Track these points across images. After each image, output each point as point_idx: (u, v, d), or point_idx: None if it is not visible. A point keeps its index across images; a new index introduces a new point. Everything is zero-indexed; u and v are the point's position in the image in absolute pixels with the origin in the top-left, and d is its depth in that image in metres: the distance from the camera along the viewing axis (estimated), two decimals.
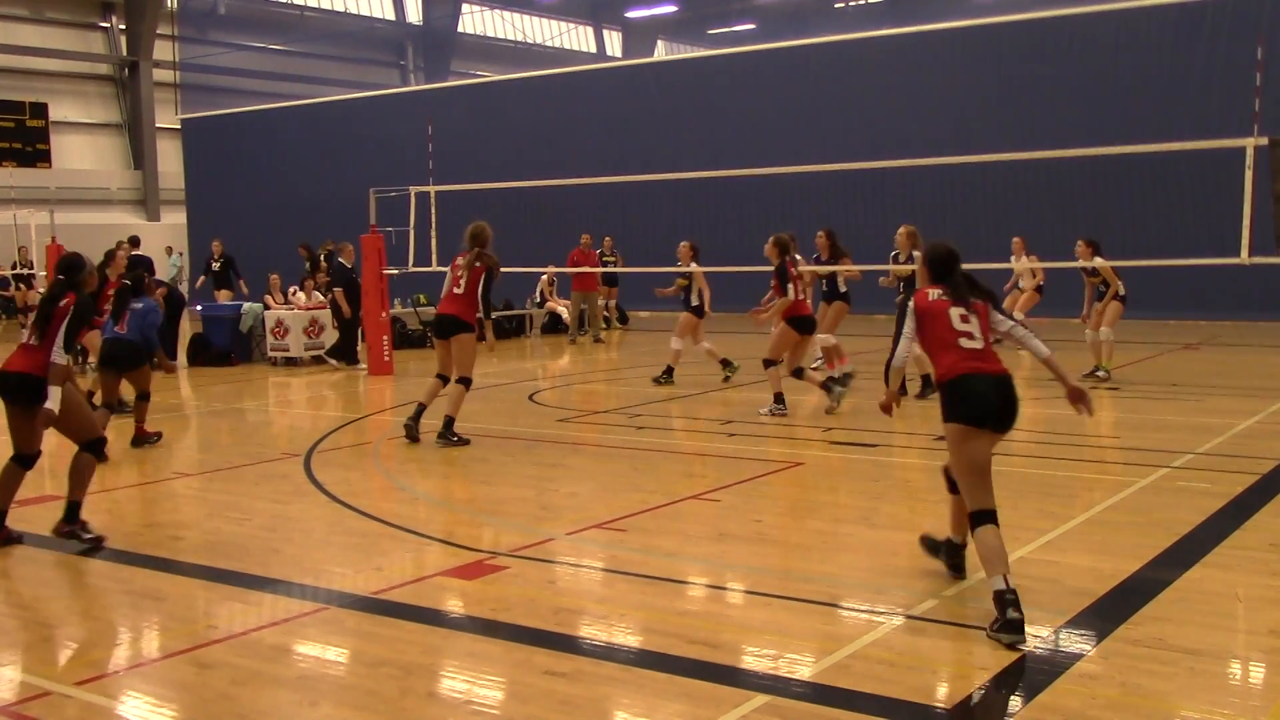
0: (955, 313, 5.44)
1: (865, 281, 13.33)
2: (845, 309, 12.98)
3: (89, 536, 6.93)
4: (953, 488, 5.63)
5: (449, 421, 10.09)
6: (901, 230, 12.31)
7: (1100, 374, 13.02)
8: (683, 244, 14.28)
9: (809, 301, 11.91)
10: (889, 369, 5.83)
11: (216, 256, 21.11)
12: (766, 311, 11.98)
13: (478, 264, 10.18)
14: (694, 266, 14.01)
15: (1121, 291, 13.14)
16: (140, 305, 10.32)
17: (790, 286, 11.41)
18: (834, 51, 24.54)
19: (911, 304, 5.57)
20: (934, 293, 5.52)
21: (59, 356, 6.75)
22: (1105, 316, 13.08)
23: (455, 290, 10.19)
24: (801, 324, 11.43)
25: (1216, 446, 9.19)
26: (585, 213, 23.50)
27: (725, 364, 13.94)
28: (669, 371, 13.77)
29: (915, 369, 12.11)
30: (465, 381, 10.17)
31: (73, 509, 6.98)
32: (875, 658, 4.81)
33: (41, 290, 13.58)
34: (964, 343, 5.37)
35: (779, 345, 11.46)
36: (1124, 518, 7.03)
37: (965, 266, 5.62)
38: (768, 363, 11.42)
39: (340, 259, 16.66)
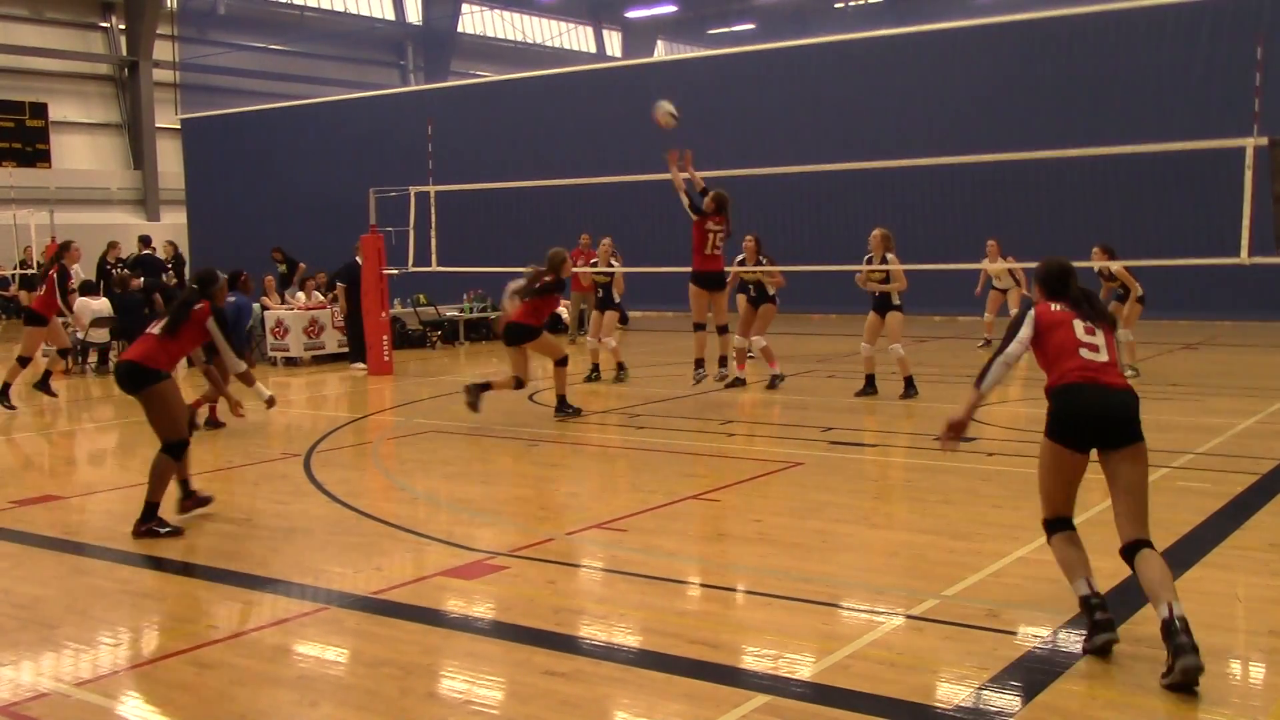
0: (1080, 324, 5.07)
1: (843, 282, 13.55)
2: (773, 310, 13.51)
3: (166, 531, 7.10)
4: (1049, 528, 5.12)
5: (562, 399, 11.41)
6: (875, 233, 12.37)
7: (1129, 372, 13.14)
8: (606, 240, 15.12)
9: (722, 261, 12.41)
10: (987, 371, 5.22)
11: (167, 258, 20.75)
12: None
13: (546, 278, 11.31)
14: (614, 264, 14.97)
15: (1140, 293, 13.38)
16: (233, 299, 10.43)
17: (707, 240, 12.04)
18: (834, 51, 24.51)
19: (1032, 311, 5.20)
20: (1056, 305, 5.18)
21: (238, 365, 7.80)
22: (1125, 318, 13.29)
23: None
24: (703, 279, 12.04)
25: (1216, 446, 9.19)
26: (584, 213, 23.48)
27: (594, 370, 14.54)
28: (621, 367, 14.37)
29: (900, 368, 12.13)
30: (564, 361, 11.51)
31: (149, 509, 7.12)
32: (875, 658, 4.81)
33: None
34: (1085, 353, 4.97)
35: (694, 307, 12.17)
36: None
37: (965, 266, 5.63)
38: (697, 326, 12.15)
39: (357, 257, 16.63)
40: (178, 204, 35.28)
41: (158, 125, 36.22)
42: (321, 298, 18.17)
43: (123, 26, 35.98)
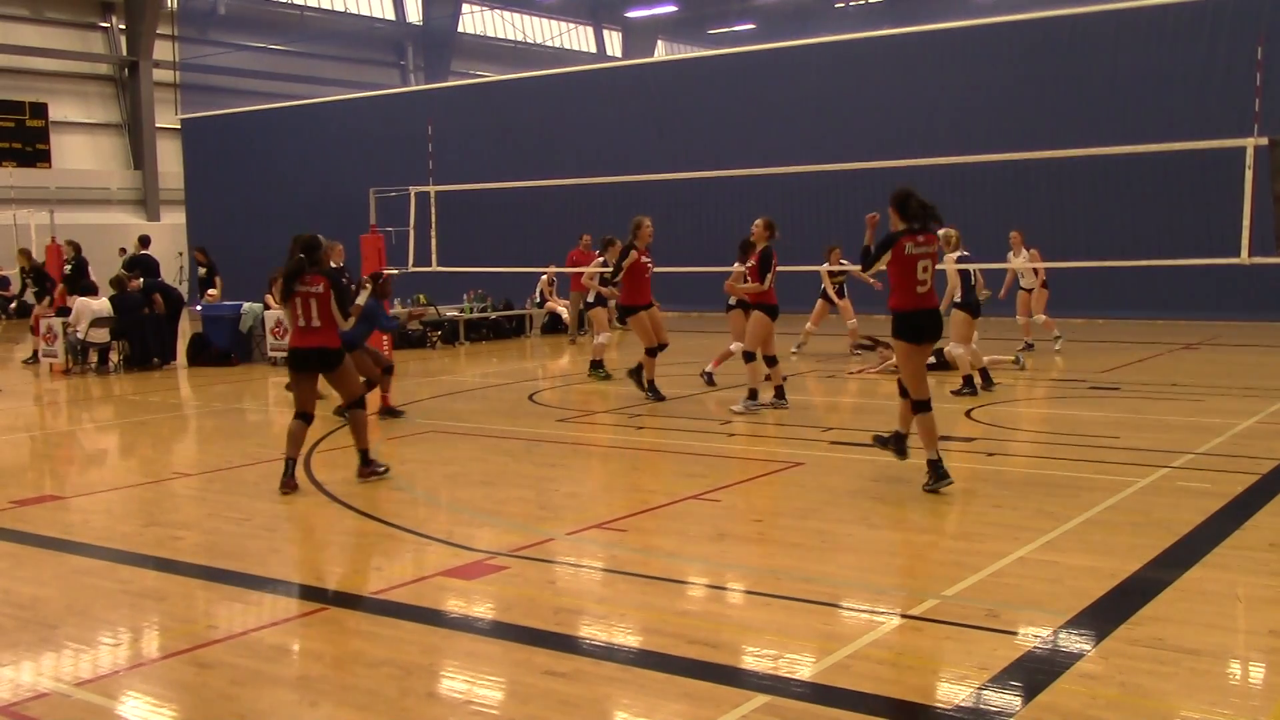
0: (921, 265, 7.68)
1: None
2: (742, 321, 13.44)
3: (383, 470, 8.50)
4: (902, 392, 7.83)
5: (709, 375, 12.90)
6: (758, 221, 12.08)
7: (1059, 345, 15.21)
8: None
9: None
10: (865, 258, 7.98)
11: (68, 258, 19.77)
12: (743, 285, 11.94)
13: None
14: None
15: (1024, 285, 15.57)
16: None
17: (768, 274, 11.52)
18: (834, 51, 24.52)
19: (896, 242, 7.67)
20: (909, 245, 7.65)
21: (342, 322, 8.35)
22: (1036, 303, 15.43)
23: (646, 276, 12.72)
24: (774, 311, 11.59)
25: (1216, 446, 9.19)
26: (585, 213, 23.49)
27: (598, 365, 14.67)
28: (599, 365, 14.61)
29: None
30: (655, 351, 12.42)
31: (364, 455, 8.42)
32: (875, 658, 4.81)
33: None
34: (919, 289, 7.70)
35: (754, 335, 11.49)
36: (1124, 518, 7.03)
37: (964, 266, 5.81)
38: (747, 355, 11.55)
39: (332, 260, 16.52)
40: (178, 204, 35.30)
41: (158, 125, 36.25)
42: None
43: (123, 26, 36.00)
